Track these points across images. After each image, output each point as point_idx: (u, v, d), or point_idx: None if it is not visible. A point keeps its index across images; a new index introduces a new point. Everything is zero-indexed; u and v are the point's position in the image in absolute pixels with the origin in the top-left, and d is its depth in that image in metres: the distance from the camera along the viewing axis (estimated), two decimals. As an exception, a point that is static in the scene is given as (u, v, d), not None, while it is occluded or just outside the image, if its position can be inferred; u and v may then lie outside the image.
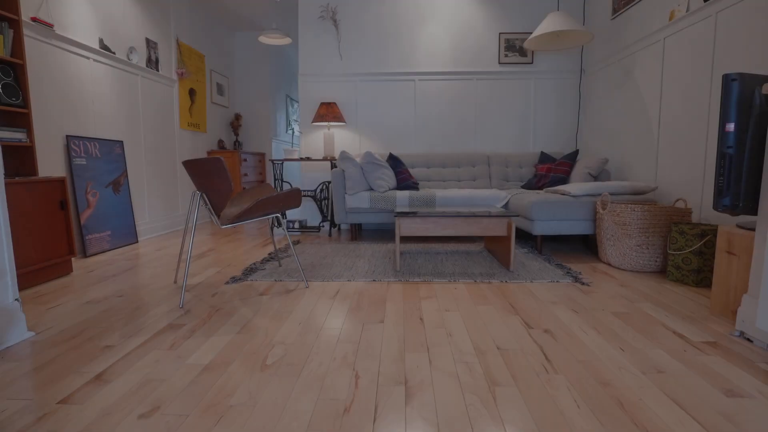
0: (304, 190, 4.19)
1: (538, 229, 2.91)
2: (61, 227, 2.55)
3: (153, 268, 2.75)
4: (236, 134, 5.76)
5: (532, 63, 4.16)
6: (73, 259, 2.99)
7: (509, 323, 1.73)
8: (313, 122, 4.01)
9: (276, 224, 4.24)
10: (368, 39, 4.20)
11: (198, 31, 4.85)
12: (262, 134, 5.99)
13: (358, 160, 3.64)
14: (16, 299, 1.67)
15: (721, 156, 1.54)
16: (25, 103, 2.48)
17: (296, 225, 4.03)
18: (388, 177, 3.59)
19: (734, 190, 1.53)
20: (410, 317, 1.80)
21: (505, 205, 3.42)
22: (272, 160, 3.98)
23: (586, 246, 3.34)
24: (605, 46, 3.73)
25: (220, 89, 5.43)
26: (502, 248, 2.67)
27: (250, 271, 2.60)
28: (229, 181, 2.03)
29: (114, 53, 3.46)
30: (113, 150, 3.46)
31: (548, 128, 4.23)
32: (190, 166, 2.06)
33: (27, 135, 2.50)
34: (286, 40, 4.43)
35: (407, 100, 4.24)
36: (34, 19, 2.73)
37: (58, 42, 2.93)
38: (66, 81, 3.00)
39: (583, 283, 2.26)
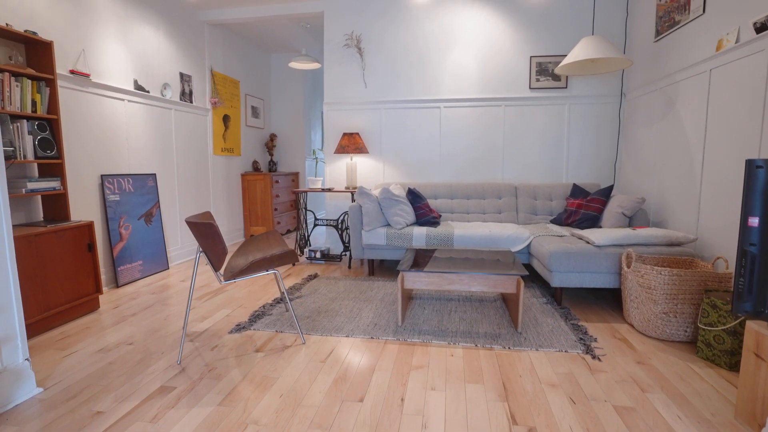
0: (327, 219, 4.23)
1: (557, 281, 2.73)
2: (88, 267, 2.75)
3: (171, 305, 2.89)
4: (271, 154, 5.93)
5: (566, 87, 3.91)
6: (106, 289, 3.23)
7: (494, 414, 1.63)
8: (335, 153, 4.03)
9: (298, 252, 4.32)
10: (393, 66, 4.15)
11: (233, 58, 5.04)
12: (296, 153, 6.13)
13: (376, 193, 3.62)
14: (26, 359, 1.82)
15: (742, 254, 1.35)
16: (59, 154, 2.69)
17: (318, 255, 4.08)
18: (406, 213, 3.53)
19: (758, 293, 1.34)
20: (392, 396, 1.75)
21: (527, 248, 3.25)
22: (295, 191, 4.05)
23: (613, 297, 3.09)
24: (647, 69, 3.42)
25: (254, 112, 5.62)
26: (513, 304, 2.53)
27: (257, 316, 2.66)
28: (222, 244, 2.08)
29: (148, 92, 3.68)
30: (146, 183, 3.68)
31: (583, 158, 3.96)
32: (190, 226, 2.14)
33: (60, 183, 2.72)
34: (316, 65, 4.49)
35: (432, 128, 4.15)
36: (72, 72, 2.96)
37: (95, 89, 3.16)
38: (101, 124, 3.23)
39: (594, 356, 2.09)
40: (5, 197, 1.73)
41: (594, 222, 3.38)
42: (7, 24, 2.44)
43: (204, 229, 2.05)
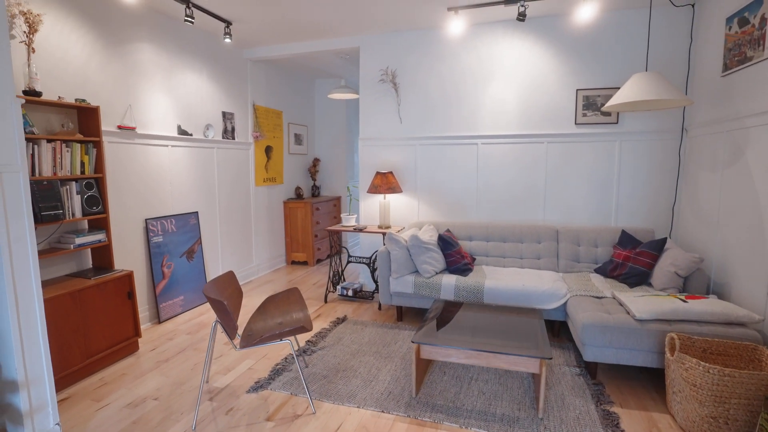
0: (360, 257, 4.23)
1: (590, 354, 2.51)
2: (128, 313, 2.96)
3: (201, 350, 3.03)
4: (314, 179, 6.05)
5: (617, 123, 3.58)
6: (149, 325, 3.46)
7: None
8: (367, 192, 4.02)
9: (331, 290, 4.36)
10: (428, 101, 4.05)
11: (275, 90, 5.19)
12: (339, 176, 6.21)
13: (406, 237, 3.55)
14: (56, 423, 1.99)
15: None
16: (104, 209, 2.91)
17: (350, 292, 4.10)
18: (436, 260, 3.43)
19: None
20: (388, 500, 1.69)
21: (563, 306, 3.03)
22: (328, 230, 4.09)
23: (658, 376, 2.78)
24: (713, 105, 3.04)
25: (297, 139, 5.76)
26: (537, 383, 2.36)
27: (277, 371, 2.71)
28: (232, 320, 2.13)
29: (191, 135, 3.89)
30: (188, 222, 3.90)
31: (634, 200, 3.62)
32: (207, 299, 2.21)
33: (105, 235, 2.95)
34: (354, 96, 4.51)
35: (469, 166, 3.99)
36: (120, 127, 3.19)
37: (140, 139, 3.38)
38: (146, 171, 3.46)
39: (621, 463, 1.88)
40: (38, 288, 1.88)
41: (642, 279, 3.07)
42: (59, 97, 2.68)
43: (216, 305, 2.11)
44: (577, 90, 3.65)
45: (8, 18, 2.48)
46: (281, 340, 2.25)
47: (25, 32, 2.55)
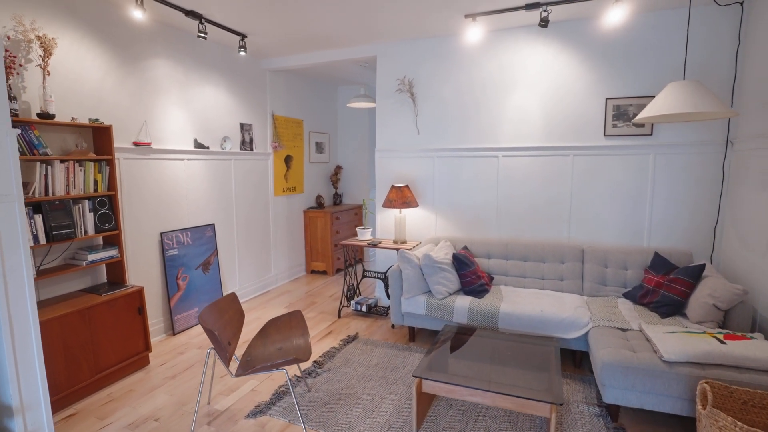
0: (375, 272, 4.13)
1: (611, 396, 2.29)
2: (138, 328, 3.00)
3: (209, 367, 3.03)
4: (335, 187, 6.01)
5: (651, 134, 3.30)
6: (162, 337, 3.51)
7: None
8: (382, 206, 3.91)
9: (345, 304, 4.29)
10: (447, 111, 3.89)
11: (295, 100, 5.18)
12: (362, 185, 6.13)
13: (419, 254, 3.42)
14: (53, 447, 2.01)
15: None
16: (116, 226, 2.96)
17: (364, 308, 4.01)
18: (449, 281, 3.28)
19: None
20: None
21: (585, 336, 2.80)
22: (341, 244, 4.02)
23: (690, 424, 2.51)
24: (764, 116, 2.72)
25: (319, 147, 5.73)
26: (550, 422, 2.17)
27: (279, 394, 2.66)
28: (225, 351, 2.08)
29: (207, 147, 3.92)
30: (204, 234, 3.93)
31: (670, 218, 3.31)
32: (204, 329, 2.18)
33: (118, 251, 3.00)
34: (373, 105, 4.42)
35: (489, 179, 3.81)
36: (135, 143, 3.25)
37: (156, 155, 3.43)
38: (162, 185, 3.51)
39: None
40: (35, 316, 1.90)
41: (676, 309, 2.79)
42: (72, 118, 2.74)
43: (209, 334, 2.07)
44: (606, 99, 3.38)
45: (25, 42, 2.56)
46: (277, 369, 2.19)
47: (40, 56, 2.61)
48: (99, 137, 2.93)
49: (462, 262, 3.35)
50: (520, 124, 3.66)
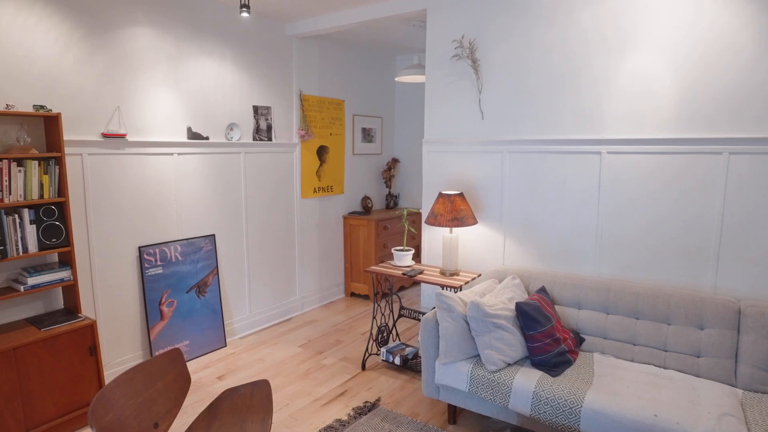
0: (414, 310, 3.51)
1: None
2: (90, 373, 2.76)
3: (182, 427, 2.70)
4: (389, 186, 5.46)
5: None
6: (136, 381, 3.29)
7: None
8: (425, 222, 3.27)
9: (373, 350, 3.72)
10: (525, 86, 3.10)
11: (333, 74, 4.71)
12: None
13: (464, 298, 2.73)
14: None
15: None
16: (68, 241, 2.74)
17: (397, 360, 3.41)
18: (509, 344, 2.55)
19: None
20: None
21: (731, 475, 1.90)
22: (367, 270, 3.45)
23: None
24: None
25: (367, 135, 5.21)
26: None
27: (236, 495, 2.20)
28: None
29: (206, 138, 3.61)
30: (200, 248, 3.65)
31: None
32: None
33: (71, 272, 2.78)
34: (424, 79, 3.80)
35: (585, 186, 2.96)
36: (105, 135, 3.02)
37: (133, 148, 3.18)
38: (142, 187, 3.26)
39: None
40: None
41: None
42: (7, 105, 2.53)
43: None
44: (797, 59, 2.34)
45: (-47, 11, 2.39)
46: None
47: (-29, 26, 2.44)
48: (51, 130, 2.72)
49: (530, 318, 2.58)
50: (637, 104, 2.75)
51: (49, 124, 2.72)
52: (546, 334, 2.56)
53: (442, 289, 3.10)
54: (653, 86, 2.70)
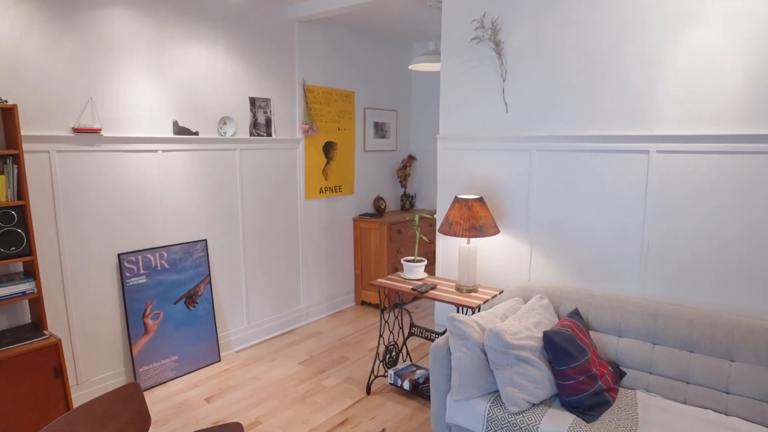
0: (427, 329, 3.12)
1: None
2: (56, 397, 2.49)
3: (139, 473, 2.39)
4: (404, 185, 5.07)
5: None
6: (115, 402, 3.00)
7: None
8: (439, 231, 2.88)
9: (379, 372, 3.35)
10: (557, 73, 2.67)
11: (341, 62, 4.34)
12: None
13: (490, 319, 2.34)
14: None
15: None
16: (30, 249, 2.45)
17: (407, 384, 3.03)
18: (535, 381, 2.15)
19: None
20: None
21: None
22: (372, 284, 3.08)
23: None
24: None
25: (380, 130, 4.83)
26: None
27: None
28: None
29: (196, 133, 3.29)
30: (189, 255, 3.34)
31: None
32: None
33: (35, 284, 2.49)
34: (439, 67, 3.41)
35: (629, 191, 2.52)
36: (76, 130, 2.72)
37: (110, 145, 2.88)
38: (121, 187, 2.97)
39: None
40: None
41: None
42: (-48, 96, 2.25)
43: None
44: None
45: None
46: None
47: None
48: (9, 124, 2.43)
49: (561, 351, 2.16)
50: (697, 91, 2.29)
51: (6, 118, 2.43)
52: (580, 370, 2.14)
53: (458, 310, 2.70)
54: (714, 70, 2.24)
